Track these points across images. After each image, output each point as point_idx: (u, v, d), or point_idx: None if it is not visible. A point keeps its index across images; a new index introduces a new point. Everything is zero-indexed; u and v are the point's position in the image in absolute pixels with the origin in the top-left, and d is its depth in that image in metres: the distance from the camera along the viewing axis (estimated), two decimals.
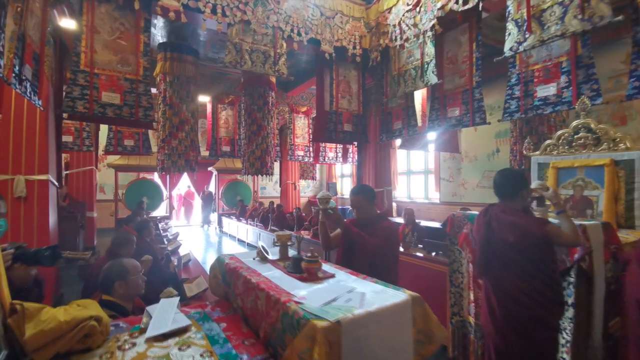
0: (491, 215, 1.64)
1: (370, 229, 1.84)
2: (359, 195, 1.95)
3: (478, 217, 1.72)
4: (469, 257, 2.10)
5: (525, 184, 1.63)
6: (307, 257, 1.32)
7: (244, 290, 1.29)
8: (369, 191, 1.98)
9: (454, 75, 3.94)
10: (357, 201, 1.93)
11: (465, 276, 2.18)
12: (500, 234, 1.54)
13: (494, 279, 1.58)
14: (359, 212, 1.94)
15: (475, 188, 6.83)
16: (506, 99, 3.42)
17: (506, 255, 1.51)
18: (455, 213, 2.25)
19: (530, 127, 4.50)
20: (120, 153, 6.51)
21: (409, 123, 4.65)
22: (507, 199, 1.65)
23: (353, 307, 0.92)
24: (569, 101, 3.01)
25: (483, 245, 1.63)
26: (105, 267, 1.55)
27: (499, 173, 1.70)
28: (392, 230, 1.88)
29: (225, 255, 1.56)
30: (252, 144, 5.85)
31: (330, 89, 4.94)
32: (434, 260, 2.64)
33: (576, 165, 2.65)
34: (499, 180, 1.67)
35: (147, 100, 3.70)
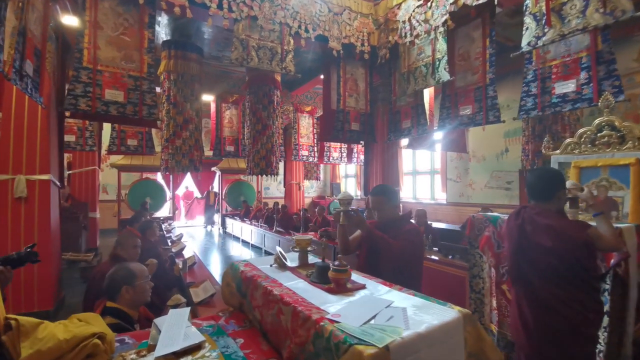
0: (524, 218, 1.52)
1: (392, 232, 1.74)
2: (380, 195, 1.84)
3: (509, 220, 1.61)
4: (491, 261, 1.99)
5: (563, 185, 1.52)
6: (336, 266, 1.19)
7: (264, 303, 1.17)
8: (391, 191, 1.88)
9: (466, 72, 3.83)
10: (378, 202, 1.83)
11: (487, 281, 2.07)
12: (536, 238, 1.43)
13: (528, 286, 1.47)
14: (380, 214, 1.84)
15: (484, 188, 6.71)
16: (522, 96, 3.30)
17: (542, 261, 1.40)
18: (475, 215, 2.14)
19: (543, 125, 4.38)
20: (123, 153, 6.43)
21: (419, 122, 4.54)
22: (542, 201, 1.52)
23: (399, 328, 0.80)
24: (590, 98, 2.89)
25: (515, 251, 1.51)
26: (111, 271, 1.45)
27: (534, 173, 1.59)
28: (417, 233, 1.78)
29: (239, 262, 1.44)
30: (257, 143, 5.75)
31: (338, 87, 4.83)
32: (451, 264, 2.53)
33: (600, 165, 2.53)
34: (533, 181, 1.55)
35: (152, 98, 3.61)
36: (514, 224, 1.54)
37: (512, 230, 1.55)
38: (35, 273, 3.20)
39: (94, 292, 1.82)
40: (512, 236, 1.54)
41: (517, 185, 6.10)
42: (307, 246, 1.51)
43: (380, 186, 1.97)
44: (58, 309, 3.49)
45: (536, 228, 1.44)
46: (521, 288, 1.49)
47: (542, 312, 1.41)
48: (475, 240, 2.11)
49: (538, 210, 1.50)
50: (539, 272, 1.42)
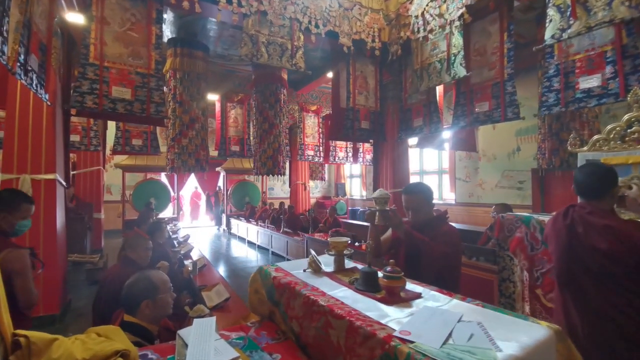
0: (574, 218, 1.39)
1: (429, 233, 1.63)
2: (417, 194, 1.70)
3: (555, 220, 1.49)
4: (524, 264, 1.87)
5: (617, 181, 1.41)
6: (388, 272, 1.06)
7: (305, 313, 1.05)
8: (427, 190, 1.75)
9: (482, 67, 3.71)
10: (414, 201, 1.69)
11: (518, 285, 1.96)
12: (589, 240, 1.31)
13: (578, 292, 1.35)
14: (416, 214, 1.71)
15: (494, 188, 6.58)
16: (543, 92, 3.18)
17: (596, 265, 1.29)
18: (505, 215, 2.02)
19: (560, 123, 4.24)
20: (128, 153, 6.35)
21: (431, 120, 4.42)
22: (594, 199, 1.40)
23: (490, 350, 0.69)
24: (616, 93, 2.78)
25: (564, 254, 1.39)
26: (130, 281, 1.33)
27: (584, 169, 1.47)
28: (456, 235, 1.67)
29: (269, 267, 1.32)
30: (264, 142, 5.66)
31: (347, 85, 4.73)
32: (476, 266, 2.41)
33: (630, 162, 2.40)
34: (584, 178, 1.44)
35: (159, 96, 3.52)
36: (562, 224, 1.42)
37: (560, 232, 1.43)
38: (41, 276, 3.09)
39: (105, 298, 1.72)
40: (560, 238, 1.42)
41: (530, 185, 5.96)
42: (344, 249, 1.40)
43: (415, 184, 1.83)
44: (64, 312, 3.39)
45: (590, 229, 1.32)
46: (570, 293, 1.38)
47: (593, 320, 1.29)
48: (505, 242, 1.99)
49: (590, 209, 1.38)
50: (593, 278, 1.30)
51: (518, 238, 1.90)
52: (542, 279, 1.79)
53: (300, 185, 8.96)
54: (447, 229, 1.68)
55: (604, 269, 1.27)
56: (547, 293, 1.76)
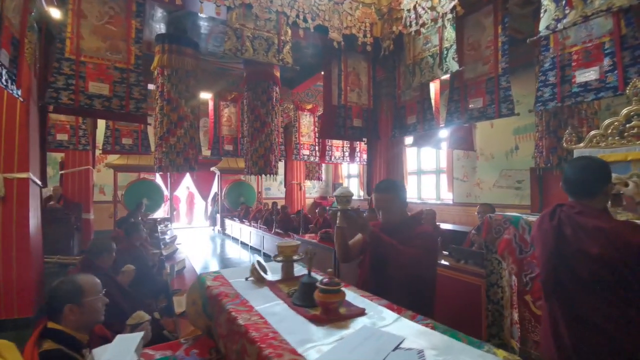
0: (561, 218, 1.25)
1: (401, 236, 1.45)
2: (387, 192, 1.52)
3: (541, 221, 1.34)
4: (512, 268, 1.73)
5: (610, 177, 1.27)
6: (324, 284, 0.89)
7: (228, 333, 0.88)
8: (399, 187, 1.57)
9: (476, 62, 3.57)
10: (385, 200, 1.51)
11: (507, 291, 1.81)
12: (579, 243, 1.17)
13: (566, 300, 1.21)
14: (387, 215, 1.53)
15: (492, 188, 6.42)
16: (539, 86, 3.04)
17: (586, 271, 1.14)
18: (492, 215, 1.88)
19: (558, 120, 4.10)
20: (118, 152, 6.24)
21: (425, 117, 4.29)
22: (585, 197, 1.26)
23: None
24: (615, 86, 2.63)
25: (551, 258, 1.25)
26: (53, 285, 1.20)
27: (574, 164, 1.32)
28: (431, 238, 1.49)
29: (208, 274, 1.18)
30: (255, 141, 5.53)
31: (339, 82, 4.60)
32: (464, 270, 2.26)
33: (630, 159, 2.26)
34: (574, 173, 1.29)
35: (140, 92, 3.40)
36: (548, 225, 1.27)
37: (546, 234, 1.28)
38: (14, 278, 2.99)
39: None
40: (546, 241, 1.28)
41: (529, 185, 5.81)
42: (293, 254, 1.23)
43: (386, 181, 1.65)
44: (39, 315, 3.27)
45: (579, 231, 1.18)
46: (557, 302, 1.23)
47: (583, 331, 1.14)
48: (493, 244, 1.85)
49: (580, 209, 1.23)
50: (582, 285, 1.15)
51: (506, 240, 1.76)
52: (531, 284, 1.65)
53: (295, 185, 8.83)
54: (422, 231, 1.50)
55: (595, 276, 1.12)
56: (536, 300, 1.62)
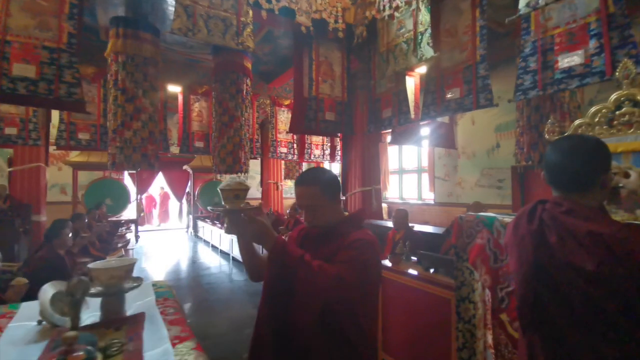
0: (545, 220, 0.91)
1: (328, 246, 1.08)
2: (310, 185, 1.11)
3: (516, 223, 0.99)
4: (485, 279, 1.42)
5: (608, 163, 0.95)
6: None
7: None
8: (328, 180, 1.14)
9: (454, 50, 3.29)
10: (307, 196, 1.11)
11: (480, 307, 1.50)
12: (568, 256, 0.83)
13: (551, 336, 0.87)
14: (312, 216, 1.12)
15: (474, 187, 6.21)
16: (519, 74, 2.77)
17: (579, 296, 0.81)
18: (464, 215, 1.57)
19: (540, 114, 3.87)
20: (73, 148, 5.73)
21: (400, 110, 3.99)
22: (575, 191, 0.92)
23: None
24: (601, 71, 2.38)
25: (528, 277, 0.90)
26: None
27: (560, 145, 0.98)
28: (370, 247, 1.05)
29: None
30: (224, 136, 5.15)
31: (310, 72, 4.26)
32: (433, 280, 1.92)
33: (620, 150, 1.98)
34: (560, 158, 0.94)
35: (72, 75, 2.98)
36: (526, 230, 0.93)
37: (523, 242, 0.93)
38: None
39: None
40: (523, 252, 0.93)
41: (510, 184, 5.61)
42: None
43: (312, 170, 1.19)
44: None
45: (567, 238, 0.84)
46: (538, 337, 0.89)
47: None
48: (464, 251, 1.54)
49: (568, 207, 0.88)
50: (573, 315, 0.82)
51: (479, 246, 1.45)
52: (507, 300, 1.34)
53: (272, 184, 8.45)
54: (358, 238, 1.06)
55: (590, 302, 0.79)
56: (514, 320, 1.31)
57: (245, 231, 1.02)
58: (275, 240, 1.00)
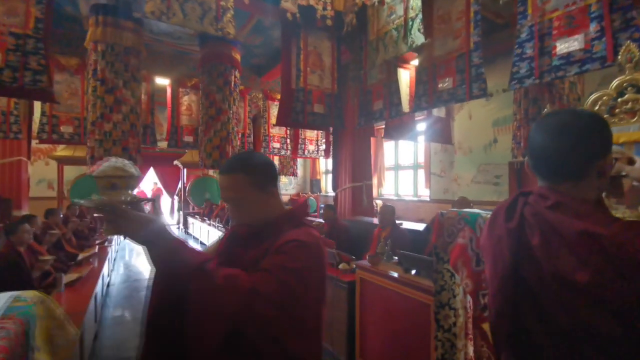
0: (527, 216, 0.74)
1: (260, 248, 0.86)
2: (233, 173, 0.91)
3: (493, 220, 0.82)
4: (467, 284, 1.26)
5: (608, 146, 0.76)
6: None
7: None
8: (257, 165, 0.93)
9: (447, 37, 3.10)
10: (231, 187, 0.90)
11: (461, 315, 1.34)
12: (555, 262, 0.65)
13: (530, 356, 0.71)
14: (238, 212, 0.92)
15: (470, 184, 6.03)
16: (514, 61, 2.59)
17: (567, 314, 0.63)
18: (445, 212, 1.40)
19: (538, 107, 3.69)
20: (55, 142, 5.55)
21: (392, 102, 3.81)
22: (565, 179, 0.74)
23: None
24: (603, 56, 2.20)
25: (503, 288, 0.74)
26: None
27: (547, 122, 0.78)
28: (304, 252, 0.81)
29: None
30: (210, 130, 4.99)
31: (297, 62, 4.07)
32: (412, 283, 1.74)
33: (622, 141, 1.81)
34: (547, 138, 0.75)
35: (38, 61, 2.80)
36: (503, 229, 0.75)
37: (499, 243, 0.75)
38: None
39: None
40: (498, 255, 0.75)
41: (507, 180, 5.44)
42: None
43: (236, 155, 1.01)
44: None
45: (554, 240, 0.66)
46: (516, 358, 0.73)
47: None
48: (445, 251, 1.37)
49: (555, 199, 0.71)
50: (559, 337, 0.65)
51: (460, 246, 1.28)
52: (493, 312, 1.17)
53: None
54: (292, 239, 0.82)
55: (581, 322, 0.62)
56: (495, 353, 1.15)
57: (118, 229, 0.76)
58: (166, 242, 0.74)
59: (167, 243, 0.75)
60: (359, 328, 2.02)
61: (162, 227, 0.76)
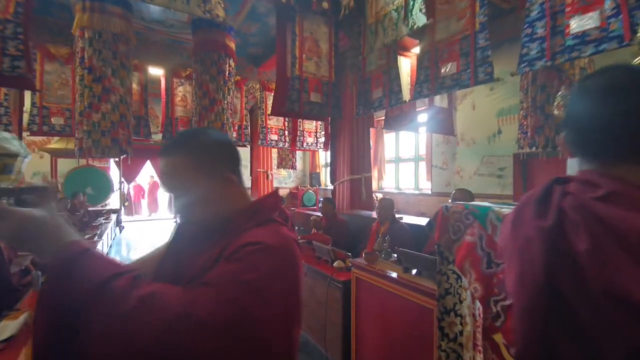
0: (568, 211, 0.52)
1: (212, 252, 0.66)
2: (174, 155, 0.72)
3: (518, 215, 0.61)
4: (475, 288, 1.10)
5: None
6: None
7: None
8: (205, 145, 0.74)
9: (450, 18, 2.90)
10: (171, 173, 0.71)
11: (469, 323, 1.19)
12: (606, 273, 0.46)
13: None
14: (184, 205, 0.72)
15: (473, 176, 5.86)
16: (523, 42, 2.40)
17: (622, 343, 0.44)
18: (449, 205, 1.24)
19: (546, 94, 3.49)
20: (46, 134, 5.40)
21: (392, 89, 3.63)
22: (624, 160, 0.53)
23: None
24: (620, 35, 2.02)
25: (537, 304, 0.53)
26: None
27: (595, 84, 0.56)
28: (266, 258, 0.61)
29: None
30: (204, 121, 4.82)
31: (292, 48, 3.88)
32: (412, 285, 1.56)
33: None
34: (598, 104, 0.54)
35: (17, 47, 2.64)
36: (534, 228, 0.55)
37: (527, 247, 0.55)
38: None
39: None
40: (527, 263, 0.55)
41: (511, 172, 5.27)
42: None
43: (182, 133, 0.79)
44: None
45: (606, 243, 0.47)
46: None
47: None
48: (450, 250, 1.21)
49: (609, 188, 0.51)
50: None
51: (468, 244, 1.12)
52: (504, 316, 1.02)
53: (262, 173, 8.12)
54: (251, 241, 0.63)
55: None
56: (512, 342, 1.00)
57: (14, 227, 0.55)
58: (59, 248, 0.54)
59: (61, 250, 0.53)
60: (355, 331, 1.87)
61: (53, 227, 0.56)
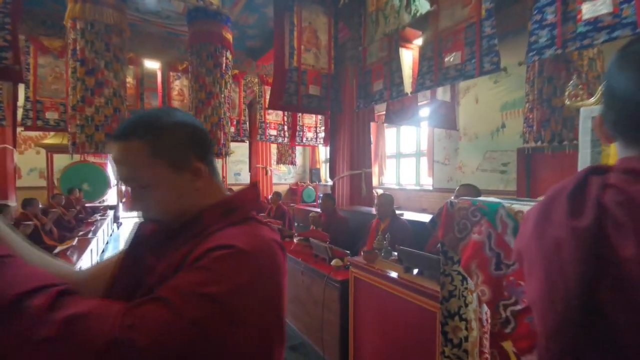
0: (609, 207, 0.41)
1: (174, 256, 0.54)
2: (130, 140, 0.56)
3: (544, 211, 0.48)
4: (482, 291, 1.01)
5: None
6: None
7: None
8: (169, 128, 0.58)
9: (455, 5, 2.78)
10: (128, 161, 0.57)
11: (475, 328, 1.09)
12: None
13: None
14: (142, 200, 0.59)
15: (475, 172, 5.75)
16: (532, 29, 2.28)
17: None
18: (454, 201, 1.14)
19: (553, 86, 3.37)
20: (40, 129, 5.31)
21: (393, 81, 3.51)
22: None
23: None
24: (633, 22, 1.90)
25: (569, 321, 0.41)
26: None
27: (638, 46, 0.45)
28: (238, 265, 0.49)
29: None
30: (200, 115, 4.72)
31: (291, 39, 3.76)
32: (414, 286, 1.46)
33: None
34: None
35: (4, 37, 2.56)
36: (565, 228, 0.42)
37: (557, 252, 0.42)
38: None
39: None
40: (556, 271, 0.42)
41: (515, 168, 5.15)
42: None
43: (139, 115, 0.60)
44: None
45: None
46: None
47: None
48: (455, 250, 1.12)
49: None
50: None
51: (475, 243, 1.02)
52: (514, 322, 0.92)
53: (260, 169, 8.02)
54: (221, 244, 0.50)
55: None
56: (523, 351, 0.90)
57: None
58: None
59: None
60: (353, 333, 1.78)
61: None
